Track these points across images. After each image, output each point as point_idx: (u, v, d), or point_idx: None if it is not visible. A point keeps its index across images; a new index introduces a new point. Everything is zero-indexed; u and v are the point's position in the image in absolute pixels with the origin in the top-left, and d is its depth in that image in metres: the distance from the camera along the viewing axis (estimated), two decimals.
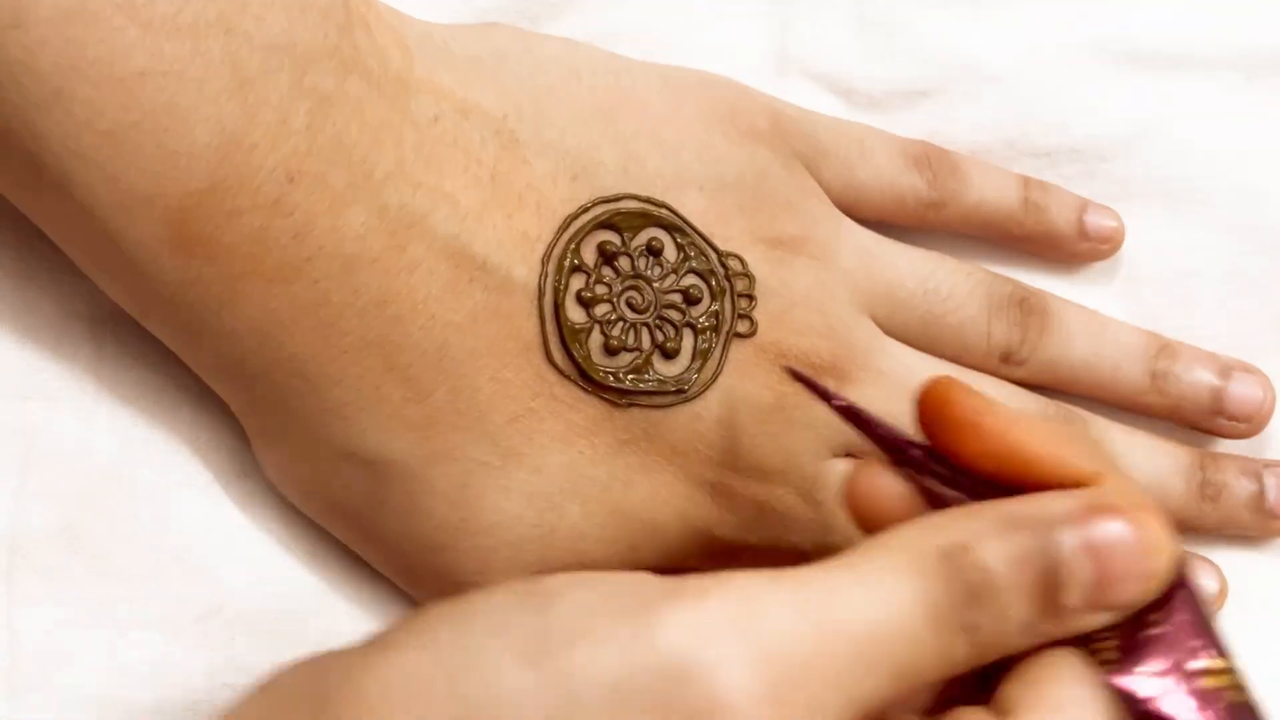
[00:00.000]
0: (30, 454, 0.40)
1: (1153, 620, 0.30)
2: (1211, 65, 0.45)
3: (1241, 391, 0.43)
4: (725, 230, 0.39)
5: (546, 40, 0.40)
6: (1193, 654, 0.30)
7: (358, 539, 0.39)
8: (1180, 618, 0.30)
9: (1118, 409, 0.44)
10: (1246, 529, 0.44)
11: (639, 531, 0.38)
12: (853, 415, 0.34)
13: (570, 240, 0.37)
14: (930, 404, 0.32)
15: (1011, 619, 0.30)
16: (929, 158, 0.43)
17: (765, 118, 0.41)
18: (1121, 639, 0.30)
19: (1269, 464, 0.44)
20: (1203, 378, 0.43)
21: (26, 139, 0.33)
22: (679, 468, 0.38)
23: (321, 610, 0.41)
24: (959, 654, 0.30)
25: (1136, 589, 0.30)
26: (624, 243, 0.38)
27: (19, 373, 0.40)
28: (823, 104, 0.44)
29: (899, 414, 0.40)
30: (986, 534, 0.30)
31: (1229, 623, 0.43)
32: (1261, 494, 0.43)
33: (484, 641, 0.28)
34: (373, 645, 0.30)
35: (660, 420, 0.38)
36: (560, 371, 0.37)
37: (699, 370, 0.38)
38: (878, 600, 0.29)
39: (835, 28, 0.45)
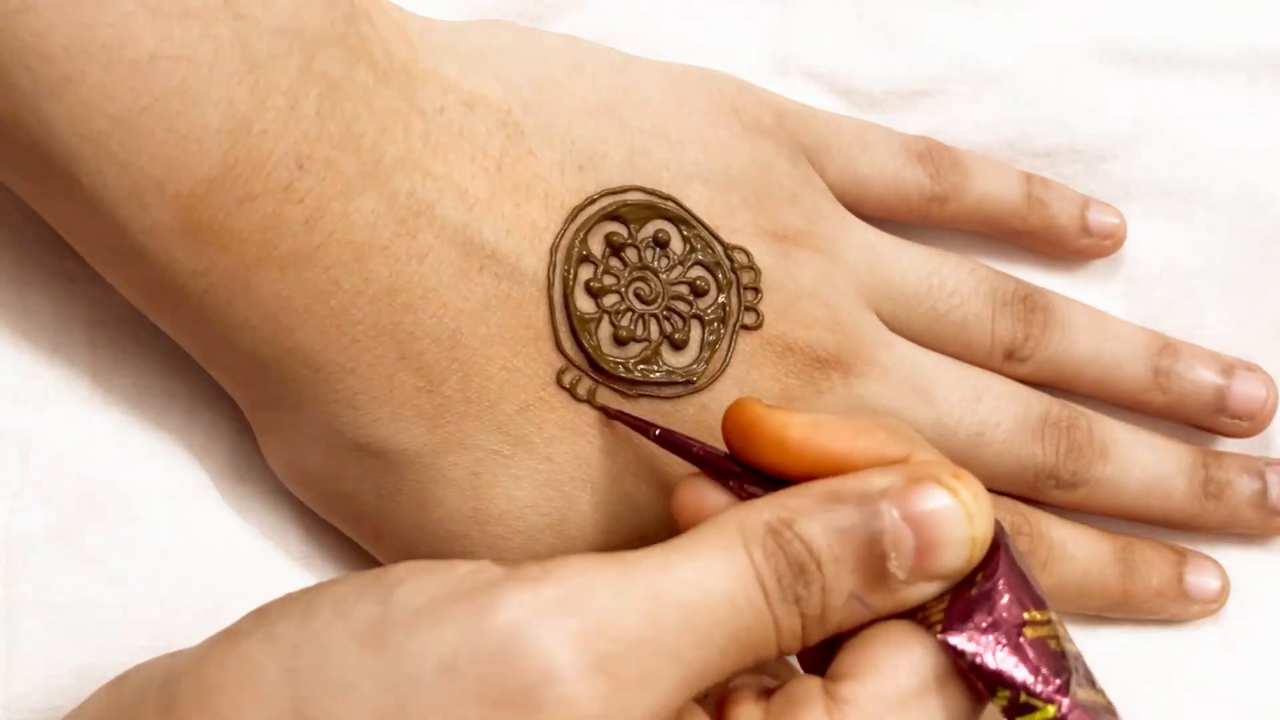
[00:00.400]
0: (27, 458, 0.39)
1: (976, 581, 0.31)
2: (1212, 65, 0.45)
3: (1244, 390, 0.43)
4: (731, 223, 0.39)
5: (549, 35, 0.40)
6: (1014, 609, 0.31)
7: (368, 533, 0.39)
8: (1001, 576, 0.31)
9: (1120, 407, 0.44)
10: (1249, 527, 0.44)
11: (649, 523, 0.38)
12: (671, 441, 0.35)
13: (578, 231, 0.37)
14: (733, 429, 0.33)
15: (838, 591, 0.30)
16: (931, 152, 0.43)
17: (769, 112, 0.41)
18: (948, 602, 0.31)
19: (1271, 462, 0.44)
20: (1205, 376, 0.44)
21: (34, 125, 0.32)
22: None
23: None
24: (792, 627, 0.30)
25: (958, 556, 0.31)
26: (631, 234, 0.38)
27: (16, 377, 0.40)
28: (823, 104, 0.45)
29: (904, 409, 0.40)
30: (809, 509, 0.31)
31: (1230, 622, 0.44)
32: (1264, 492, 0.43)
33: (325, 628, 0.29)
34: (219, 636, 0.31)
35: (669, 411, 0.38)
36: (570, 361, 0.37)
37: (707, 361, 0.38)
38: (706, 574, 0.30)
39: (836, 27, 0.45)
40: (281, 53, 0.34)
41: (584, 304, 0.37)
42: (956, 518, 0.31)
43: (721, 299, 0.38)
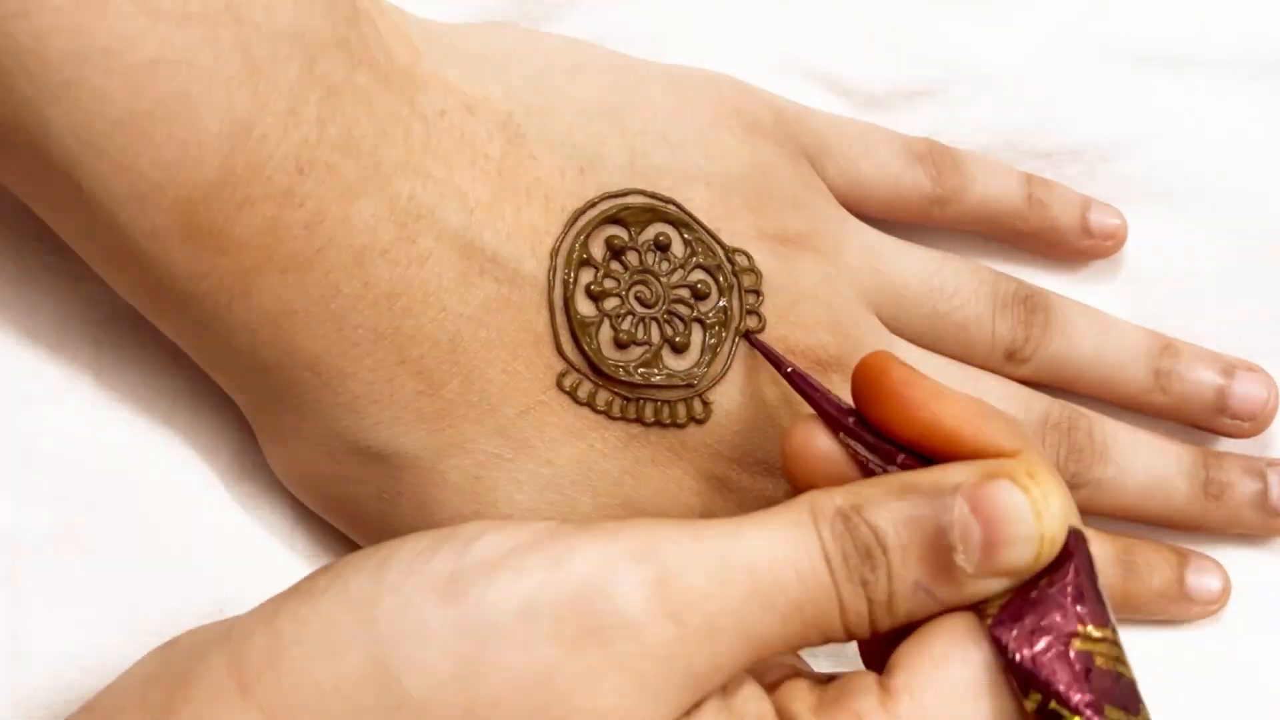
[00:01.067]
0: (31, 456, 0.39)
1: (1039, 584, 0.31)
2: (1214, 66, 0.45)
3: (1245, 390, 0.43)
4: (732, 225, 0.39)
5: (550, 38, 0.40)
6: (1069, 619, 0.30)
7: (369, 536, 0.39)
8: (1065, 583, 0.31)
9: (1121, 408, 0.44)
10: (1250, 528, 0.44)
11: None
12: (798, 382, 0.36)
13: (579, 234, 0.37)
14: (864, 375, 0.34)
15: (904, 579, 0.31)
16: (932, 154, 0.43)
17: (770, 114, 0.41)
18: (1008, 598, 0.31)
19: (1272, 463, 0.44)
20: (1206, 376, 0.44)
21: (34, 129, 0.32)
22: (688, 462, 0.38)
23: None
24: (857, 609, 0.31)
25: (1025, 553, 0.31)
26: (631, 237, 0.38)
27: (19, 375, 0.39)
28: (824, 104, 0.45)
29: None
30: (882, 497, 0.31)
31: (1230, 622, 0.44)
32: (1265, 492, 0.43)
33: (400, 583, 0.30)
34: (290, 594, 0.31)
35: (670, 414, 0.38)
36: (571, 364, 0.37)
37: (708, 365, 0.38)
38: (774, 543, 0.30)
39: (836, 28, 0.45)
40: (282, 57, 0.34)
41: (584, 307, 0.37)
42: (1025, 514, 0.31)
43: (722, 302, 0.38)
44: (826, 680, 0.32)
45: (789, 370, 0.36)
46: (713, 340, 0.38)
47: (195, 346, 0.37)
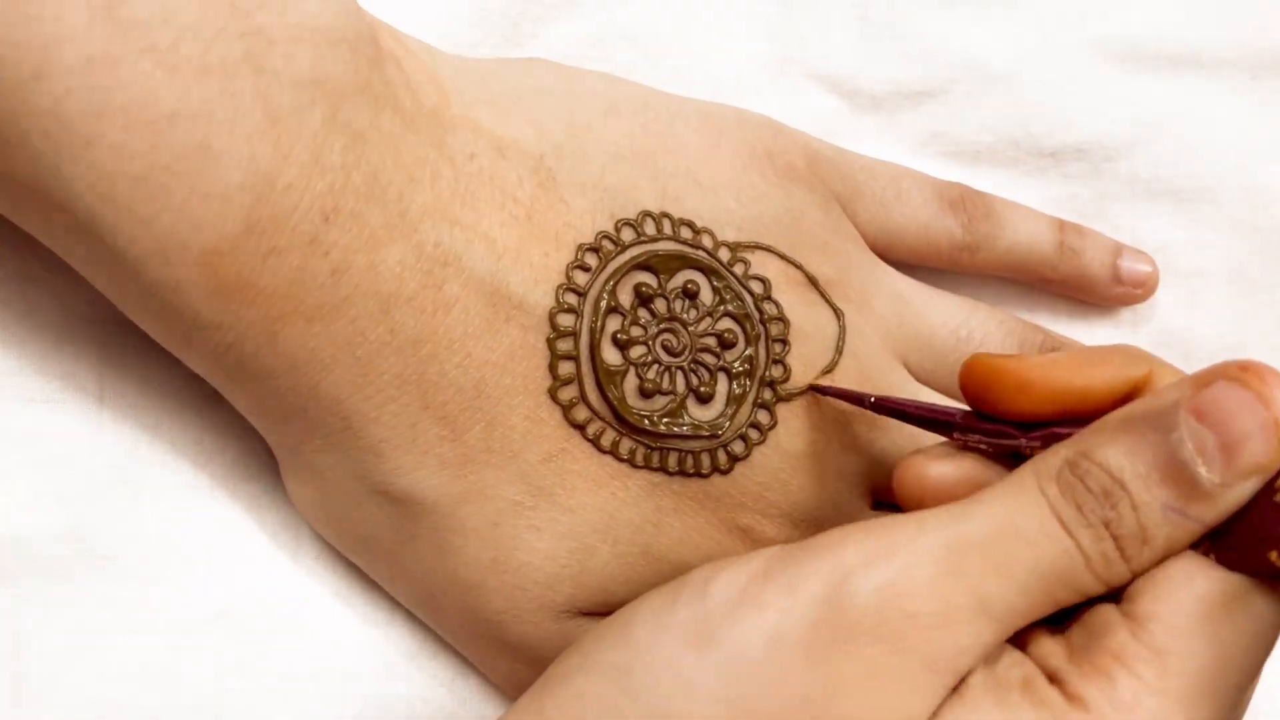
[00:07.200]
0: (35, 456, 0.39)
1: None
2: (1216, 65, 0.45)
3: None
4: (761, 272, 0.39)
5: (586, 75, 0.40)
6: None
7: (385, 573, 0.39)
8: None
9: None
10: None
11: (668, 574, 0.38)
12: (889, 407, 0.36)
13: (607, 281, 0.37)
14: (976, 382, 0.34)
15: (1150, 506, 0.30)
16: (965, 200, 0.43)
17: (802, 157, 0.41)
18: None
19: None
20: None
21: (56, 188, 0.32)
22: (710, 512, 0.38)
23: (329, 614, 0.41)
24: (1104, 551, 0.30)
25: (1265, 444, 0.30)
26: (660, 284, 0.38)
27: (23, 375, 0.39)
28: (825, 105, 0.44)
29: None
30: (1106, 437, 0.31)
31: None
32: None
33: (651, 643, 0.31)
34: (544, 683, 0.32)
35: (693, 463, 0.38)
36: (594, 413, 0.37)
37: (733, 416, 0.38)
38: (1001, 518, 0.30)
39: (837, 27, 0.44)
40: (304, 105, 0.33)
41: (610, 356, 0.37)
42: (1250, 404, 0.30)
43: (749, 351, 0.38)
44: (1064, 625, 0.32)
45: (872, 400, 0.37)
46: (738, 390, 0.38)
47: (220, 386, 0.37)
